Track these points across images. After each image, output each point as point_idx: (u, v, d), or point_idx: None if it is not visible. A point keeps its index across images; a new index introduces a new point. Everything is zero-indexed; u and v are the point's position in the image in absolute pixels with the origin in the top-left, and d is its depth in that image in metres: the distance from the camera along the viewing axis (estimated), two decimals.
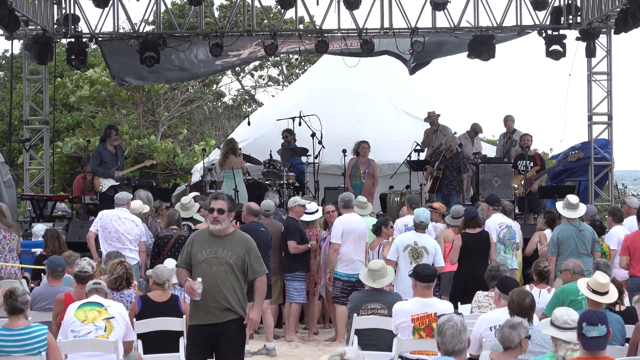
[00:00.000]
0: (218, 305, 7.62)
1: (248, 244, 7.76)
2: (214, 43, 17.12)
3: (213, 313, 7.63)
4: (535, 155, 16.62)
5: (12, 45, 23.29)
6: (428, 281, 8.37)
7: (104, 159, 15.94)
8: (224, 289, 7.61)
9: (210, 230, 7.76)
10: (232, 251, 7.67)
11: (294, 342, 12.25)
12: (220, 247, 7.67)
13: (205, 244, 7.72)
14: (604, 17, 16.45)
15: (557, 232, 11.82)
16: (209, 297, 7.58)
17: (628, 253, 11.47)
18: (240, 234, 7.92)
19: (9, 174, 17.18)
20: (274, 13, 28.67)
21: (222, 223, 7.67)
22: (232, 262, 7.64)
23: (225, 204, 7.70)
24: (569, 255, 11.31)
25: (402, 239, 11.28)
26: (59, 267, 9.61)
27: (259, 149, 17.81)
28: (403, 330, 8.28)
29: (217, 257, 7.65)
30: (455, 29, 17.42)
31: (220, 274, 7.62)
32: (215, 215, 7.69)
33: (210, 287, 7.57)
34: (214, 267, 7.64)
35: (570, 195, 12.10)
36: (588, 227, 11.95)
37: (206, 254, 7.68)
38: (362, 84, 20.23)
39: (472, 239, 11.67)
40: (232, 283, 7.64)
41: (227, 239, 7.72)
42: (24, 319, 7.53)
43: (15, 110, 24.82)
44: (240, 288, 7.70)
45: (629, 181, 38.36)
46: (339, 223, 12.04)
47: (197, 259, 7.70)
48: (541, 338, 7.08)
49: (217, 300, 7.60)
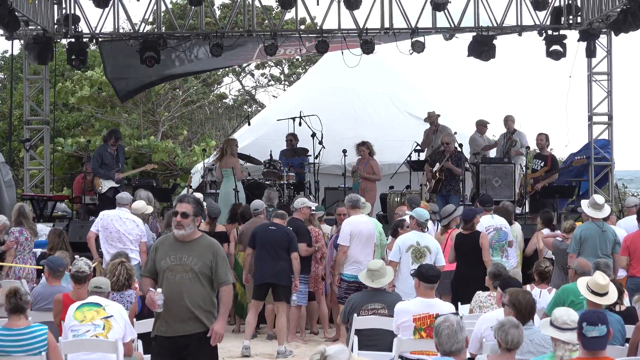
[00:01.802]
0: (183, 316, 7.12)
1: (215, 250, 7.24)
2: (214, 43, 17.14)
3: (178, 324, 7.13)
4: (548, 156, 16.70)
5: (12, 45, 23.25)
6: (432, 282, 8.42)
7: (104, 160, 15.96)
8: (189, 298, 7.11)
9: (175, 235, 7.25)
10: (198, 257, 7.16)
11: (294, 342, 12.26)
12: (185, 254, 7.16)
13: (170, 251, 7.21)
14: (604, 17, 16.44)
15: (581, 230, 11.70)
16: (173, 307, 7.09)
17: (628, 253, 11.48)
18: (207, 239, 7.34)
19: (10, 174, 17.19)
20: (275, 13, 28.67)
21: (186, 228, 7.17)
22: (198, 269, 7.14)
23: (190, 208, 7.17)
24: (589, 254, 11.20)
25: (405, 240, 11.28)
26: (60, 267, 9.61)
27: (259, 149, 17.82)
28: (404, 330, 8.29)
29: (182, 264, 7.14)
30: (455, 29, 17.42)
31: (184, 282, 7.12)
32: (178, 219, 7.17)
33: (174, 296, 7.08)
34: (178, 274, 7.13)
35: (597, 195, 12.16)
36: (610, 227, 11.90)
37: (170, 260, 7.17)
38: (363, 83, 20.23)
39: (464, 240, 11.68)
40: (197, 292, 7.14)
41: (192, 245, 7.20)
42: (24, 318, 7.53)
43: (16, 110, 24.84)
44: (208, 297, 7.20)
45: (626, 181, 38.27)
46: (347, 225, 12.00)
47: (160, 267, 7.20)
48: (541, 338, 7.08)
49: (182, 310, 7.11)
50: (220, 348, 11.74)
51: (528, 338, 6.99)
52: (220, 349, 11.67)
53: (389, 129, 19.51)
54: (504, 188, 16.21)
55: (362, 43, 17.21)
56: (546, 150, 16.81)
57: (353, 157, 16.86)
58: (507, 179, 16.29)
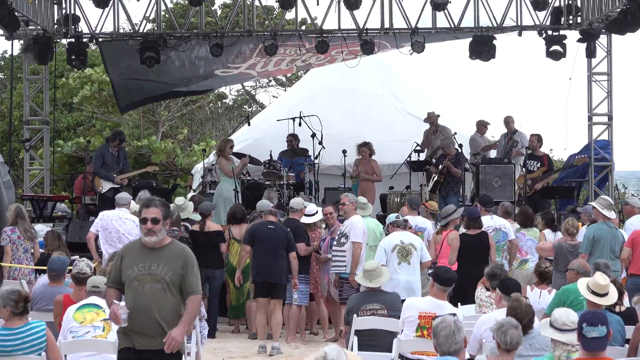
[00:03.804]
0: (152, 329, 6.63)
1: (186, 257, 6.73)
2: (214, 43, 17.14)
3: (146, 337, 6.66)
4: (543, 157, 16.68)
5: (12, 45, 23.24)
6: (446, 285, 8.49)
7: (105, 159, 15.98)
8: (158, 310, 6.62)
9: (143, 242, 6.73)
10: (168, 266, 6.67)
11: (294, 343, 12.26)
12: (154, 262, 6.66)
13: (137, 259, 6.70)
14: (604, 17, 16.44)
15: (593, 231, 11.65)
16: (141, 319, 6.60)
17: (632, 246, 11.48)
18: (177, 245, 6.86)
19: (9, 175, 17.19)
20: (277, 13, 28.64)
21: (157, 234, 6.68)
22: (168, 278, 6.65)
23: (159, 212, 6.71)
24: (601, 254, 11.17)
25: (388, 241, 11.35)
26: (63, 268, 9.59)
27: (259, 149, 17.81)
28: (408, 325, 8.34)
29: (151, 274, 6.65)
30: (455, 29, 17.42)
31: (154, 293, 6.63)
32: (149, 225, 6.67)
33: (143, 307, 6.59)
34: (146, 284, 6.64)
35: (607, 197, 12.12)
36: (619, 230, 11.92)
37: (138, 270, 6.67)
38: (362, 84, 20.22)
39: (471, 239, 11.67)
40: (168, 303, 6.66)
41: (162, 252, 6.71)
42: (24, 318, 7.52)
43: (16, 110, 24.82)
44: (179, 308, 6.72)
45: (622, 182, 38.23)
46: (360, 223, 12.00)
47: (127, 276, 6.68)
48: (541, 342, 7.07)
49: (150, 323, 6.62)
50: (220, 349, 11.86)
51: (528, 342, 6.99)
52: (220, 350, 11.79)
53: (389, 129, 19.50)
54: (504, 188, 16.21)
55: (362, 43, 17.21)
56: (539, 151, 16.83)
57: (353, 157, 16.87)
58: (507, 179, 16.28)
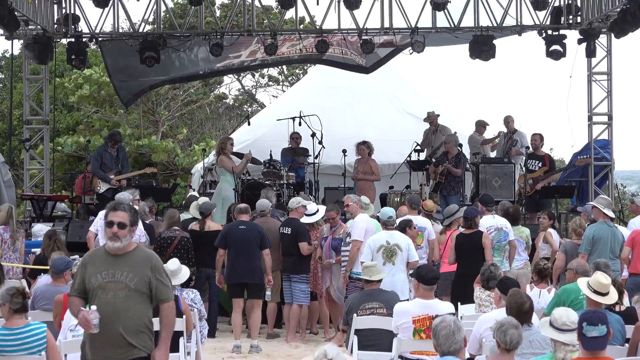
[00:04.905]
0: (117, 340, 6.31)
1: (153, 263, 6.44)
2: (214, 43, 17.14)
3: (112, 349, 6.32)
4: (544, 156, 16.68)
5: (12, 45, 23.31)
6: (431, 284, 8.43)
7: (104, 160, 15.98)
8: (122, 320, 6.30)
9: (107, 248, 6.43)
10: (134, 273, 6.35)
11: (294, 343, 12.26)
12: (118, 269, 6.35)
13: (101, 266, 6.39)
14: (604, 17, 16.45)
15: (593, 230, 11.64)
16: (106, 330, 6.26)
17: (632, 245, 11.47)
18: (142, 251, 6.55)
19: (9, 174, 17.21)
20: (274, 13, 28.66)
21: (122, 240, 6.35)
22: (134, 285, 6.33)
23: (127, 217, 6.40)
24: (601, 254, 11.16)
25: (375, 240, 11.29)
26: (65, 267, 9.58)
27: (259, 149, 17.80)
28: (404, 331, 8.30)
29: (115, 281, 6.34)
30: (455, 29, 17.42)
31: (118, 302, 6.31)
32: (114, 230, 6.35)
33: (106, 317, 6.24)
34: (110, 293, 6.32)
35: (606, 196, 12.10)
36: (619, 229, 11.92)
37: (101, 277, 6.35)
38: (362, 83, 20.22)
39: (465, 239, 11.67)
40: (133, 312, 6.33)
41: (126, 258, 6.39)
42: (24, 318, 7.53)
43: (16, 110, 24.83)
44: (145, 317, 6.40)
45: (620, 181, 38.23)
46: (362, 222, 12.02)
47: (91, 284, 6.36)
48: (540, 339, 7.07)
49: (113, 334, 6.30)
50: (219, 348, 11.87)
51: (527, 339, 6.99)
52: (219, 349, 11.80)
53: (388, 129, 19.51)
54: (504, 188, 16.22)
55: (362, 43, 17.21)
56: (540, 150, 16.84)
57: (353, 157, 16.88)
58: (507, 179, 16.30)
